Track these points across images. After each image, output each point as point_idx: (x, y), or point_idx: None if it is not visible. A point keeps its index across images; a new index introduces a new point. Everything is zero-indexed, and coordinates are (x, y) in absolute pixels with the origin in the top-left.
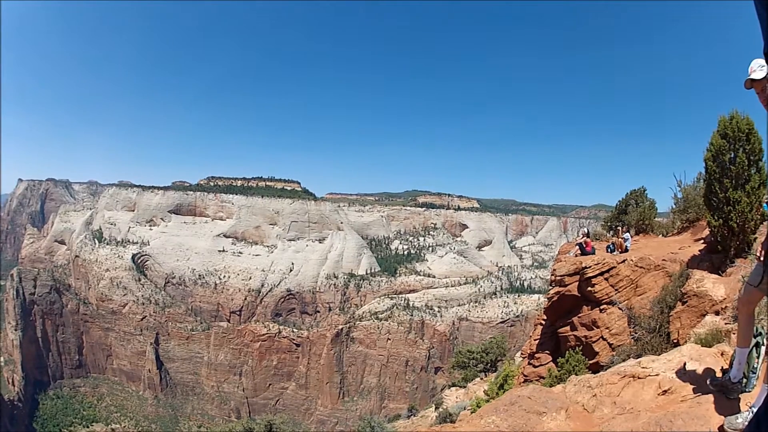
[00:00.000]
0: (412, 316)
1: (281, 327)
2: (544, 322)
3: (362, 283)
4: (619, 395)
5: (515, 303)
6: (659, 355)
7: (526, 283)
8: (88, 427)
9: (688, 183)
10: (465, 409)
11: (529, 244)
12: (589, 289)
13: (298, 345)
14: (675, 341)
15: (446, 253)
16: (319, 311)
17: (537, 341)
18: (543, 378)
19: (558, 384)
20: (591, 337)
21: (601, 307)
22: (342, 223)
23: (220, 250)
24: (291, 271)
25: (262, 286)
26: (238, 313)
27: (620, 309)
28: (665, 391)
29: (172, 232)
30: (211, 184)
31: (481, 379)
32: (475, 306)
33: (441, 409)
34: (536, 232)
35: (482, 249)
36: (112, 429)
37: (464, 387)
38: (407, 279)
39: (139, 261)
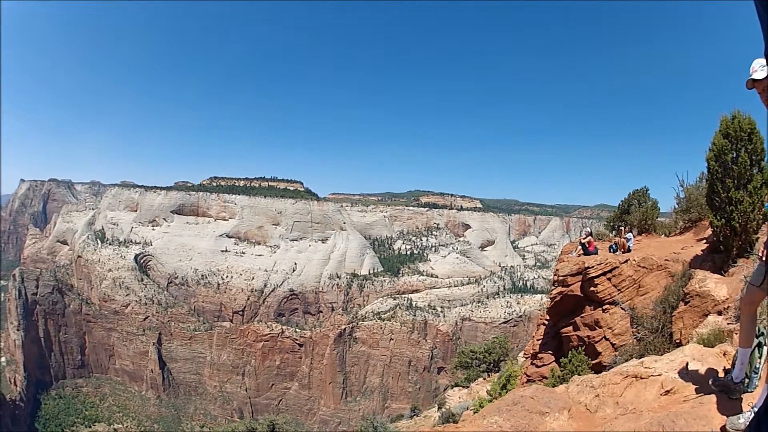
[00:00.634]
0: (415, 316)
1: (284, 327)
2: (546, 322)
3: (365, 284)
4: (622, 395)
5: (518, 303)
6: (662, 355)
7: (528, 283)
8: (91, 426)
9: (691, 183)
10: (468, 410)
11: (532, 244)
12: (592, 289)
13: (300, 345)
14: (677, 341)
15: (449, 253)
16: (321, 311)
17: (540, 341)
18: (546, 378)
19: (561, 384)
20: (594, 337)
21: (604, 307)
22: (345, 223)
23: (222, 251)
24: (294, 271)
25: (265, 286)
26: (241, 313)
27: (623, 309)
28: (668, 392)
29: (175, 233)
30: (214, 184)
31: (484, 380)
32: (478, 306)
33: (444, 409)
34: (539, 232)
35: (485, 249)
36: (115, 429)
37: (467, 387)
38: (410, 279)
39: (142, 261)
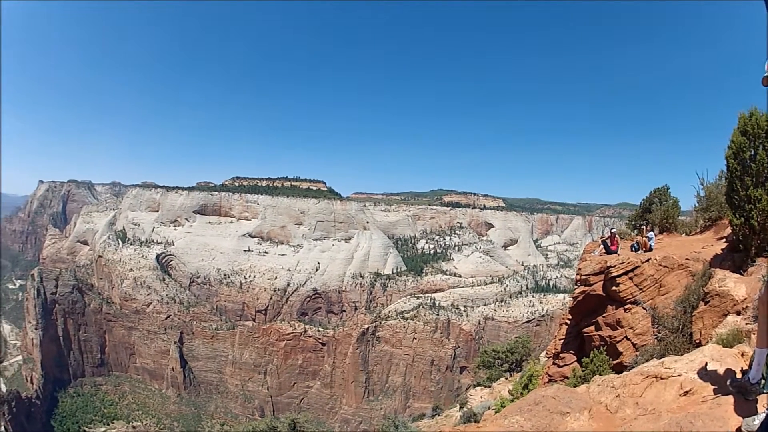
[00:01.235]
0: (438, 315)
1: (307, 326)
2: (569, 322)
3: (388, 283)
4: (642, 396)
5: (540, 302)
6: (682, 355)
7: (551, 283)
8: (109, 424)
9: (711, 181)
10: (489, 409)
11: (555, 243)
12: (614, 288)
13: (323, 344)
14: (697, 341)
15: (472, 253)
16: (345, 311)
17: (562, 341)
18: (567, 378)
19: (582, 384)
20: (615, 337)
21: (626, 307)
22: (368, 222)
23: (245, 250)
24: (317, 270)
25: (288, 285)
26: (264, 312)
27: (644, 309)
28: (687, 392)
29: (197, 232)
30: (236, 184)
31: (506, 379)
32: (501, 305)
33: (465, 409)
34: (561, 231)
35: (508, 248)
36: (133, 426)
37: (489, 387)
38: (433, 278)
39: (164, 261)
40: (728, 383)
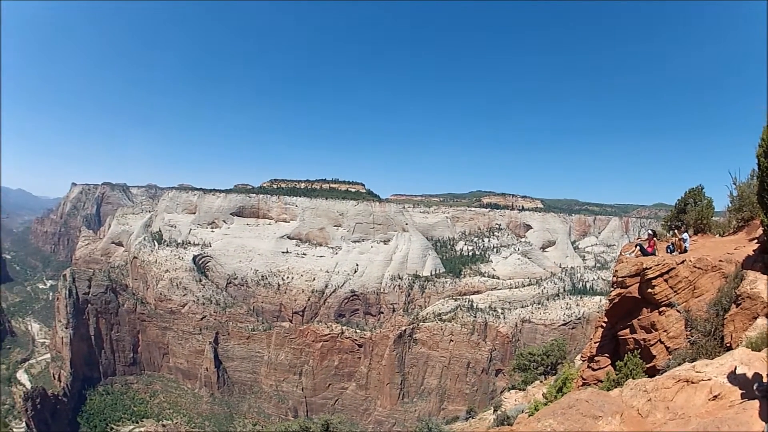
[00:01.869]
0: (476, 317)
1: (344, 327)
2: (604, 325)
3: (426, 285)
4: (673, 400)
5: (577, 305)
6: (713, 359)
7: (588, 285)
8: (138, 422)
9: (743, 180)
10: (523, 412)
11: (592, 245)
12: (649, 290)
13: (360, 346)
14: (728, 345)
15: (510, 254)
16: (382, 312)
17: (597, 344)
18: (601, 381)
19: (615, 388)
20: (649, 340)
21: (660, 310)
22: (407, 224)
23: (283, 252)
24: (355, 272)
25: (326, 287)
26: (301, 313)
27: (678, 311)
28: (715, 397)
29: (235, 234)
30: (274, 186)
31: (541, 382)
32: (538, 308)
33: (499, 412)
34: (599, 233)
35: (546, 250)
36: (163, 425)
37: (523, 390)
38: (471, 280)
39: (200, 262)
40: (755, 388)
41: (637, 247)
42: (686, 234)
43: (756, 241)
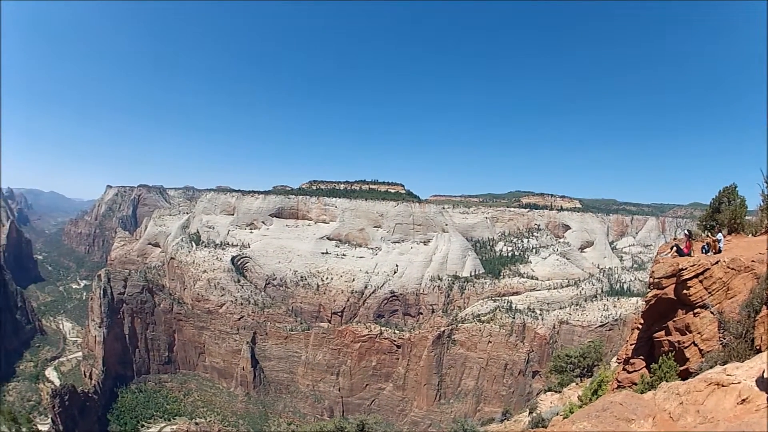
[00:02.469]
0: (514, 318)
1: (383, 328)
2: (640, 327)
3: (466, 285)
4: (704, 403)
5: (614, 306)
6: (743, 361)
7: (625, 286)
8: (170, 420)
9: None
10: (557, 415)
11: (629, 245)
12: (685, 291)
13: (398, 346)
14: (758, 347)
15: (549, 255)
16: (422, 313)
17: (633, 346)
18: (635, 384)
19: (649, 390)
20: (683, 342)
21: (695, 311)
22: (446, 225)
23: (323, 252)
24: (395, 273)
25: (366, 287)
26: (340, 314)
27: (712, 313)
28: (744, 400)
29: (274, 235)
30: (314, 187)
31: (577, 384)
32: (576, 309)
33: (534, 414)
34: (636, 233)
35: (584, 250)
36: (196, 423)
37: (559, 392)
38: (510, 281)
39: (239, 263)
40: None
41: (674, 248)
42: (720, 234)
43: None
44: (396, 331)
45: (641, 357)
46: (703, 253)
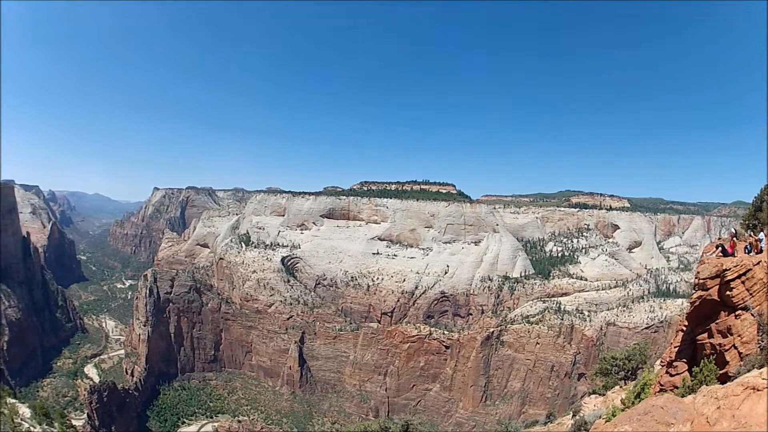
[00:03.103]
0: (563, 320)
1: (432, 329)
2: (684, 329)
3: (516, 286)
4: (739, 408)
5: (660, 308)
6: None
7: (671, 287)
8: (212, 417)
9: None
10: (600, 418)
11: (676, 245)
12: (727, 293)
13: (447, 347)
14: None
15: (598, 255)
16: (471, 314)
17: (676, 349)
18: (677, 388)
19: (690, 394)
20: (724, 345)
21: (737, 313)
22: (497, 225)
23: (374, 253)
24: (446, 273)
25: (416, 288)
26: (390, 314)
27: (752, 315)
28: None
29: (325, 236)
30: (365, 188)
31: (621, 387)
32: (623, 310)
33: (577, 417)
34: (682, 232)
35: (632, 250)
36: (239, 420)
37: (603, 395)
38: (560, 282)
39: (289, 263)
40: None
41: (719, 248)
42: (762, 233)
43: None
44: (445, 332)
45: (684, 360)
46: (745, 252)
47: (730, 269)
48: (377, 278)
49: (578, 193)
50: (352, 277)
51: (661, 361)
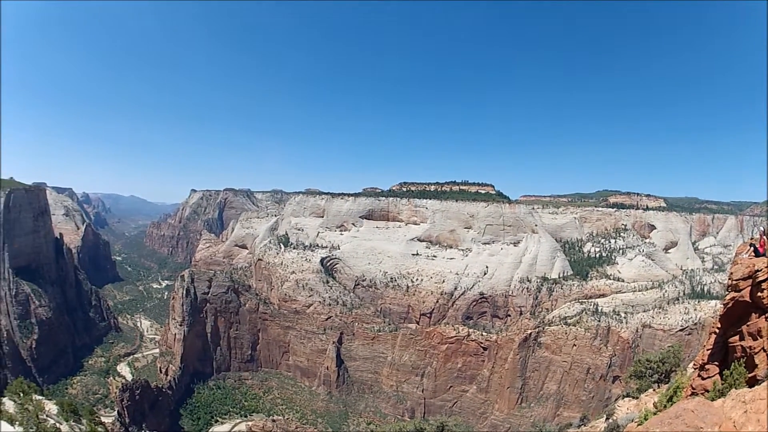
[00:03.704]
0: (599, 322)
1: (470, 330)
2: (717, 331)
3: (554, 287)
4: (764, 412)
5: (695, 309)
6: None
7: (705, 288)
8: (246, 417)
9: None
10: (632, 421)
11: (710, 246)
12: (759, 294)
13: (485, 348)
14: None
15: (635, 256)
16: (510, 315)
17: (709, 351)
18: (708, 391)
19: (719, 398)
20: (754, 348)
21: (767, 315)
22: (536, 225)
23: (413, 254)
24: (485, 274)
25: (455, 289)
26: (429, 315)
27: None
28: None
29: (364, 237)
30: (404, 189)
31: (654, 391)
32: (659, 312)
33: (610, 420)
34: (716, 232)
35: (668, 251)
36: (273, 420)
37: (637, 398)
38: (598, 283)
39: (328, 264)
40: None
41: (751, 248)
42: None
43: None
44: (483, 333)
45: (716, 363)
46: None
47: (762, 269)
48: (416, 279)
49: (615, 192)
50: (392, 278)
51: (694, 364)
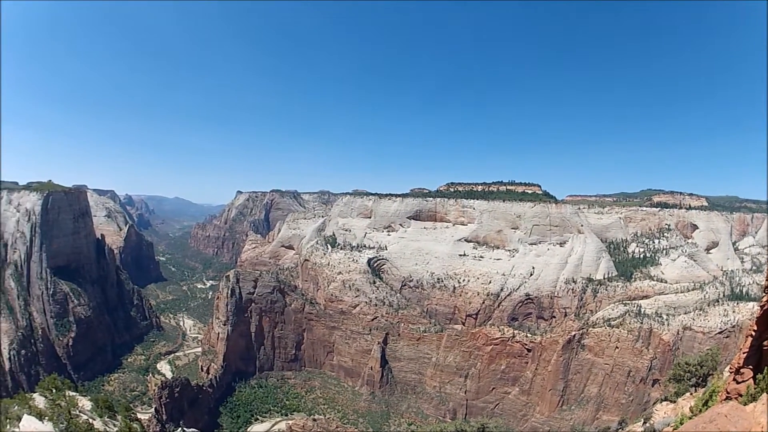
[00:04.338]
0: (642, 323)
1: (516, 331)
2: (753, 334)
3: (599, 288)
4: None
5: (734, 311)
6: None
7: (744, 290)
8: (287, 415)
9: None
10: (669, 425)
11: (750, 246)
12: None
13: (529, 350)
14: None
15: (678, 257)
16: (554, 316)
17: (745, 355)
18: (741, 395)
19: (752, 402)
20: None
21: None
22: (582, 225)
23: (460, 255)
24: (531, 275)
25: (502, 290)
26: (474, 316)
27: None
28: None
29: (412, 237)
30: (451, 190)
31: (691, 394)
32: (699, 314)
33: (647, 425)
34: (755, 232)
35: (709, 251)
36: (314, 419)
37: (675, 402)
38: (641, 284)
39: (375, 265)
40: None
41: None
42: None
43: None
44: (528, 335)
45: (750, 366)
46: None
47: None
48: (463, 280)
49: (659, 191)
50: (438, 279)
51: (730, 368)
